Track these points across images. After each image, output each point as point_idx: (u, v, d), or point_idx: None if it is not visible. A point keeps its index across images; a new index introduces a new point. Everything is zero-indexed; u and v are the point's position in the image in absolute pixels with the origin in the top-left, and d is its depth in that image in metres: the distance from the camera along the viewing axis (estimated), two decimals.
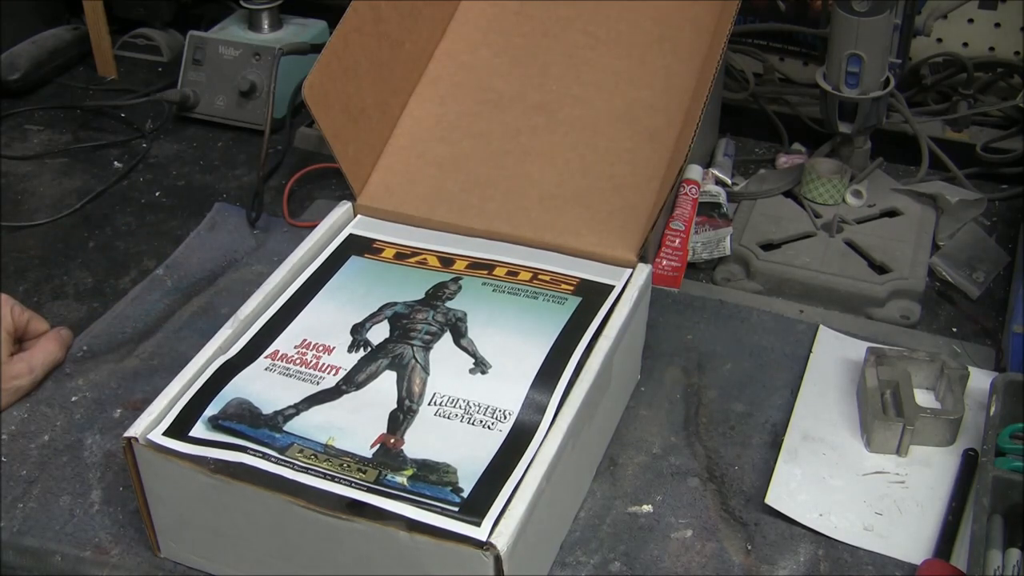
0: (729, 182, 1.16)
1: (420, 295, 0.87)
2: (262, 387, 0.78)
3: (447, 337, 0.82)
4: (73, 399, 0.93)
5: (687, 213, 1.04)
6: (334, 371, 0.80)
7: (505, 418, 0.75)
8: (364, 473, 0.71)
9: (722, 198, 1.10)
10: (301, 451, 0.72)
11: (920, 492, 0.83)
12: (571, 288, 0.87)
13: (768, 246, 1.08)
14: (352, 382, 0.79)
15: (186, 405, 0.76)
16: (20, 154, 1.28)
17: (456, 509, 0.68)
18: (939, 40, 1.29)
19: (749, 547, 0.80)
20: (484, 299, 0.86)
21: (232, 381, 0.79)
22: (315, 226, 0.94)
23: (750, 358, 0.96)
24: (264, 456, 0.71)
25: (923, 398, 0.90)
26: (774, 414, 0.91)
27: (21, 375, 0.91)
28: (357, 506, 0.69)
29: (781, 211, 1.13)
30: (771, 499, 0.82)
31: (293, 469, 0.70)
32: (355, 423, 0.75)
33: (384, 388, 0.78)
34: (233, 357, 0.81)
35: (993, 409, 0.84)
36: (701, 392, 0.93)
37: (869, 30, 1.03)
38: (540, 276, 0.89)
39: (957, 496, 0.82)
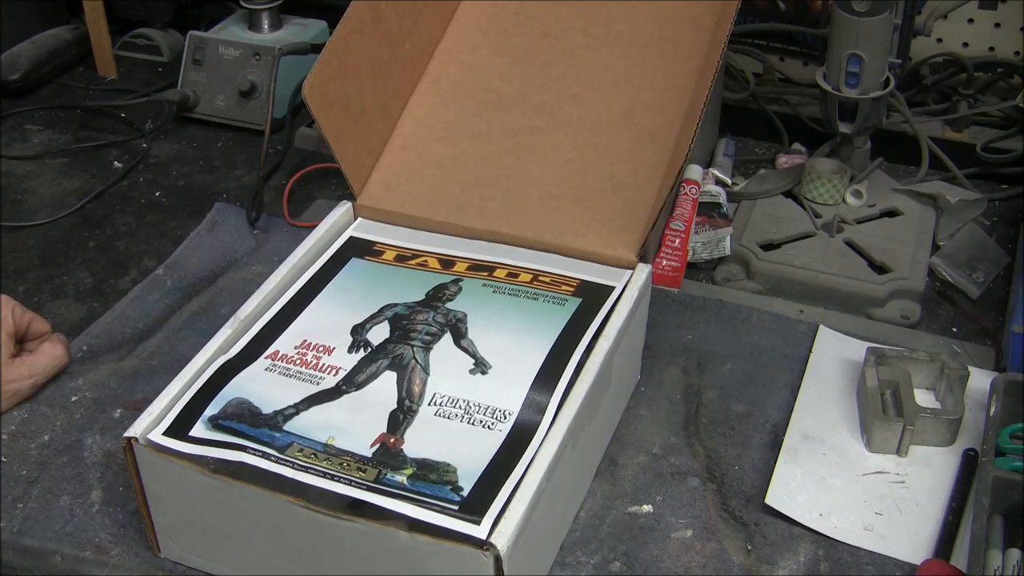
0: (729, 182, 1.16)
1: (420, 296, 0.87)
2: (262, 387, 0.78)
3: (447, 338, 0.83)
4: (73, 399, 0.93)
5: (687, 213, 1.04)
6: (334, 371, 0.80)
7: (505, 418, 0.75)
8: (364, 472, 0.71)
9: (722, 198, 1.10)
10: (301, 450, 0.72)
11: (920, 492, 0.83)
12: (571, 289, 0.87)
13: (768, 246, 1.08)
14: (352, 382, 0.79)
15: (186, 405, 0.76)
16: (20, 154, 1.28)
17: (456, 508, 0.68)
18: (939, 40, 1.29)
19: (749, 547, 0.80)
20: (484, 300, 0.86)
21: (232, 381, 0.79)
22: (315, 226, 0.94)
23: (750, 358, 0.96)
24: (264, 455, 0.71)
25: (923, 398, 0.90)
26: (774, 414, 0.91)
27: (20, 379, 0.90)
28: (357, 506, 0.69)
29: (781, 211, 1.13)
30: (771, 499, 0.82)
31: (293, 468, 0.70)
32: (355, 423, 0.75)
33: (384, 388, 0.78)
34: (233, 357, 0.81)
35: (993, 409, 0.84)
36: (701, 392, 0.93)
37: (869, 30, 1.03)
38: (540, 278, 0.89)
39: (957, 496, 0.82)
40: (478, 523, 0.67)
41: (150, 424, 0.75)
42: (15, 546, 0.81)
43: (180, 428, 0.75)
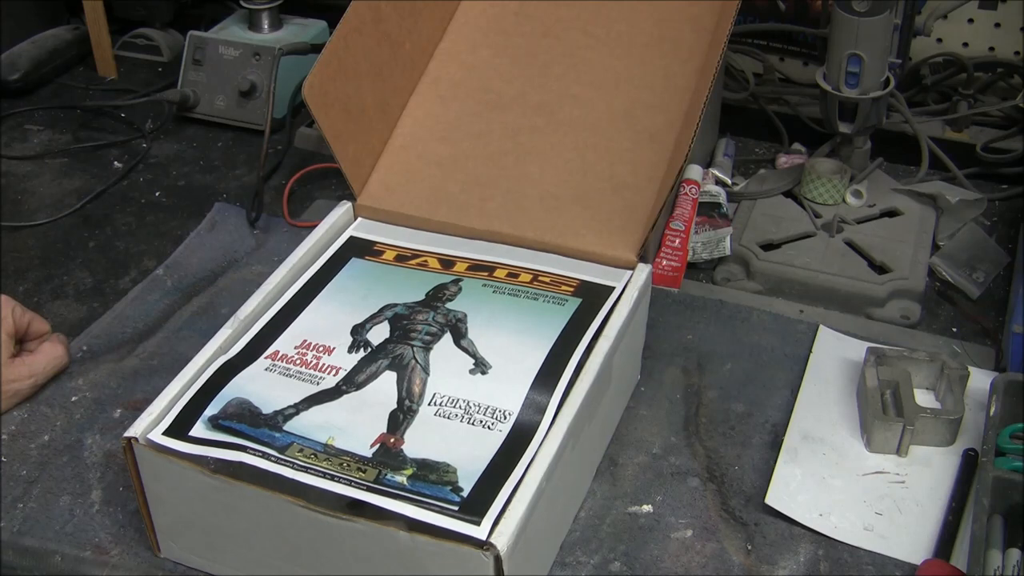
0: (729, 182, 1.16)
1: (420, 296, 0.87)
2: (262, 387, 0.78)
3: (447, 338, 0.83)
4: (73, 399, 0.93)
5: (687, 213, 1.04)
6: (334, 371, 0.80)
7: (505, 418, 0.75)
8: (364, 472, 0.71)
9: (722, 198, 1.10)
10: (301, 450, 0.72)
11: (920, 492, 0.83)
12: (571, 290, 0.87)
13: (768, 246, 1.08)
14: (352, 382, 0.79)
15: (186, 405, 0.76)
16: (20, 154, 1.28)
17: (456, 508, 0.68)
18: (939, 40, 1.29)
19: (749, 547, 0.80)
20: (484, 300, 0.86)
21: (232, 381, 0.79)
22: (315, 226, 0.94)
23: (750, 358, 0.96)
24: (264, 455, 0.71)
25: (923, 398, 0.90)
26: (774, 414, 0.91)
27: (20, 379, 0.90)
28: (357, 506, 0.69)
29: (781, 211, 1.13)
30: (771, 499, 0.82)
31: (293, 468, 0.70)
32: (355, 423, 0.75)
33: (384, 388, 0.78)
34: (233, 357, 0.81)
35: (993, 409, 0.84)
36: (701, 392, 0.93)
37: (869, 30, 1.03)
38: (540, 278, 0.89)
39: (957, 496, 0.82)
40: (478, 523, 0.67)
41: (150, 424, 0.75)
42: (15, 546, 0.81)
43: (180, 428, 0.75)
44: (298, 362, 0.81)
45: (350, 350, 0.82)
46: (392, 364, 0.80)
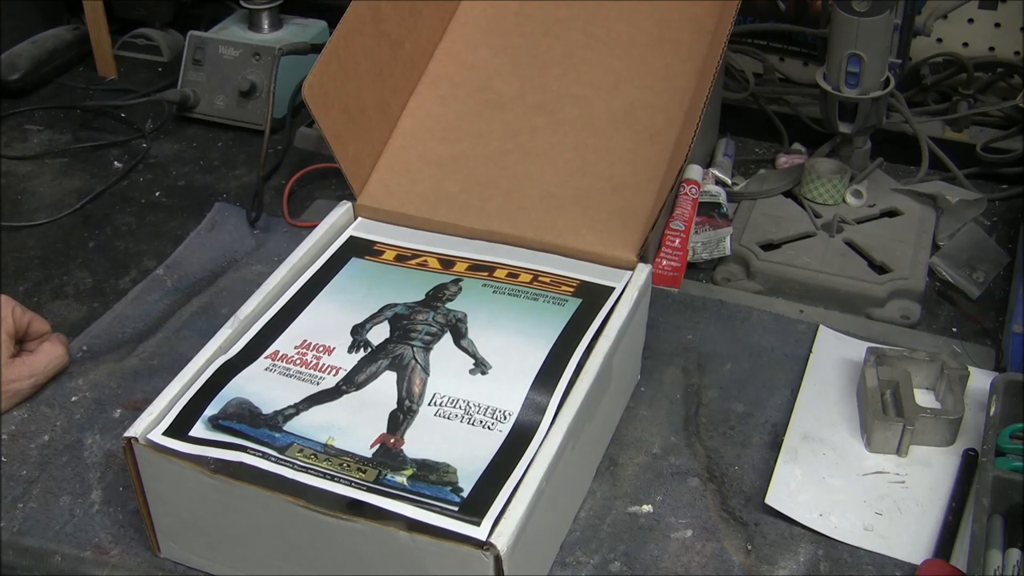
0: (729, 182, 1.16)
1: (420, 296, 0.87)
2: (262, 387, 0.78)
3: (447, 338, 0.83)
4: (73, 399, 0.93)
5: (687, 213, 1.04)
6: (334, 371, 0.80)
7: (505, 418, 0.75)
8: (364, 473, 0.71)
9: (722, 198, 1.10)
10: (301, 451, 0.72)
11: (920, 492, 0.83)
12: (571, 290, 0.87)
13: (768, 246, 1.08)
14: (352, 382, 0.79)
15: (186, 405, 0.76)
16: (20, 154, 1.28)
17: (456, 509, 0.68)
18: (939, 40, 1.29)
19: (749, 547, 0.80)
20: (484, 300, 0.86)
21: (232, 381, 0.79)
22: (315, 226, 0.94)
23: (750, 358, 0.96)
24: (264, 456, 0.71)
25: (923, 398, 0.90)
26: (774, 414, 0.91)
27: (20, 379, 0.90)
28: (357, 506, 0.69)
29: (781, 211, 1.13)
30: (771, 499, 0.82)
31: (293, 469, 0.70)
32: (355, 423, 0.75)
33: (384, 388, 0.78)
34: (233, 357, 0.81)
35: (993, 409, 0.84)
36: (701, 392, 0.93)
37: (869, 30, 1.03)
38: (540, 278, 0.89)
39: (957, 496, 0.82)
40: (478, 524, 0.67)
41: (150, 424, 0.75)
42: (15, 546, 0.81)
43: (180, 428, 0.75)
44: (298, 362, 0.81)
45: (350, 350, 0.82)
46: (392, 364, 0.80)
